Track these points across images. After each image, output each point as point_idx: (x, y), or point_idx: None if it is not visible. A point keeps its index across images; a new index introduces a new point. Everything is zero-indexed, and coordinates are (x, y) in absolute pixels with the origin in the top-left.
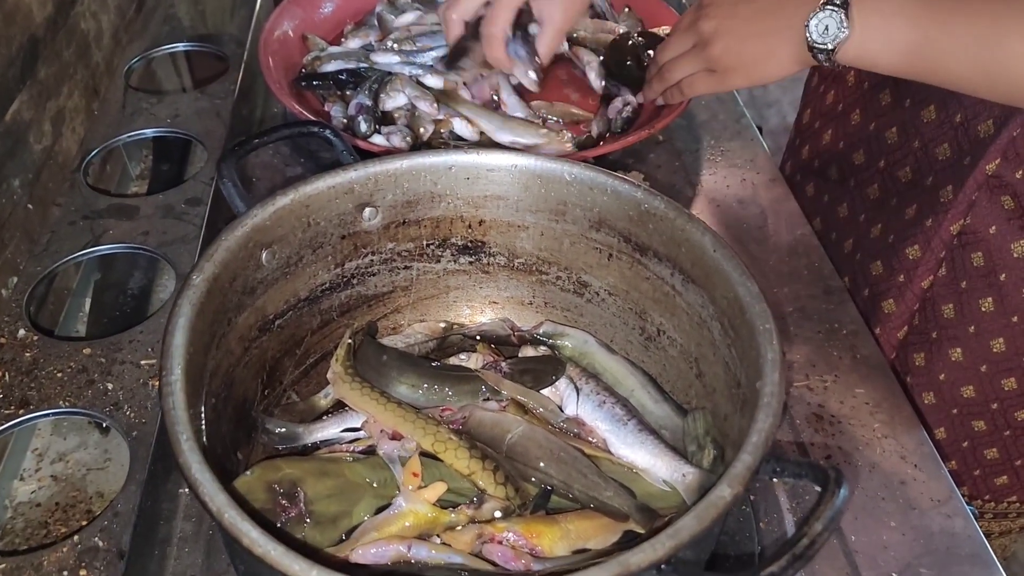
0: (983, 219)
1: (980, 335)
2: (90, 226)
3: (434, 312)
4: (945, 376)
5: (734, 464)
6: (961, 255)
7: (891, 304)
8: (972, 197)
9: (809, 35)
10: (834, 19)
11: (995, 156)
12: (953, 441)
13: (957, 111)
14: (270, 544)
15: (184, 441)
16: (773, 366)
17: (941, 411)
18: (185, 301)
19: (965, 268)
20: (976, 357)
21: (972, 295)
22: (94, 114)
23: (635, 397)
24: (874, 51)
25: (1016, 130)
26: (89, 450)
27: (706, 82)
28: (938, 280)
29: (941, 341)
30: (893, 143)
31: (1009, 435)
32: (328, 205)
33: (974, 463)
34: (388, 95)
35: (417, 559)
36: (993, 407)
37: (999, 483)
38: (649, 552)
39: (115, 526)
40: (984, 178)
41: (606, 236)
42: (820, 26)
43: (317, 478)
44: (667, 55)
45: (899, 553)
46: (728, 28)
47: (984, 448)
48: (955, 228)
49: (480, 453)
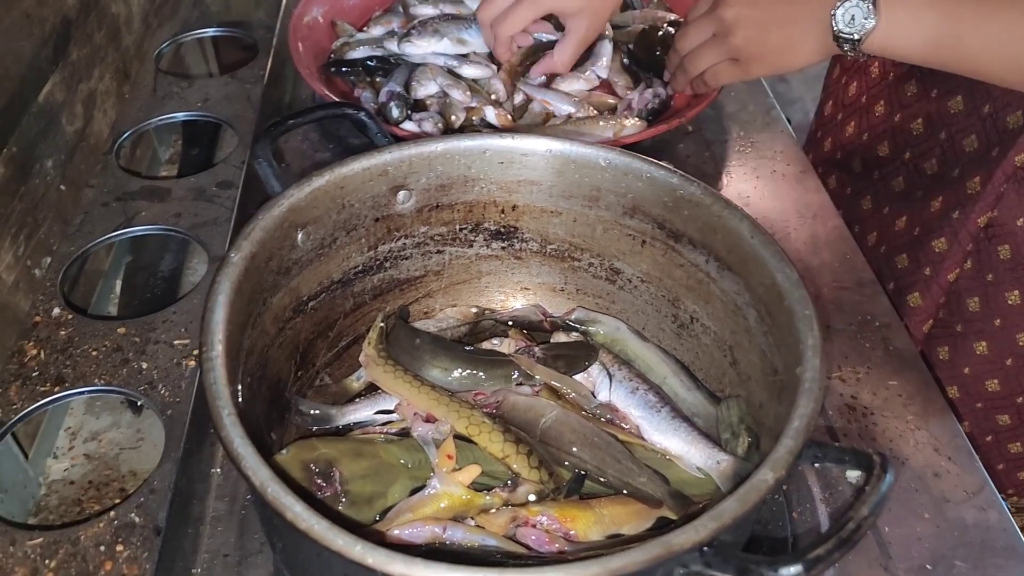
0: (1011, 211)
1: (1006, 328)
2: (123, 207)
3: (466, 297)
4: (970, 370)
5: (776, 448)
6: (988, 248)
7: (917, 297)
8: (1001, 189)
9: (835, 24)
10: (861, 9)
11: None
12: (978, 434)
13: (986, 102)
14: (313, 519)
15: (226, 416)
16: (815, 351)
17: (965, 405)
18: (224, 279)
19: (991, 261)
20: (1002, 350)
21: (999, 288)
22: (125, 97)
23: (667, 384)
24: (901, 41)
25: None
26: (122, 429)
27: (730, 72)
28: (964, 273)
29: (966, 334)
30: (919, 134)
31: None
32: (363, 187)
33: (998, 457)
34: (420, 83)
35: (452, 541)
36: (1018, 401)
37: (1022, 477)
38: (692, 533)
39: (151, 503)
40: (1013, 169)
41: (640, 223)
42: (846, 16)
43: (352, 458)
44: (687, 44)
45: (933, 545)
46: (750, 17)
47: (1008, 442)
48: (983, 220)
49: (514, 437)
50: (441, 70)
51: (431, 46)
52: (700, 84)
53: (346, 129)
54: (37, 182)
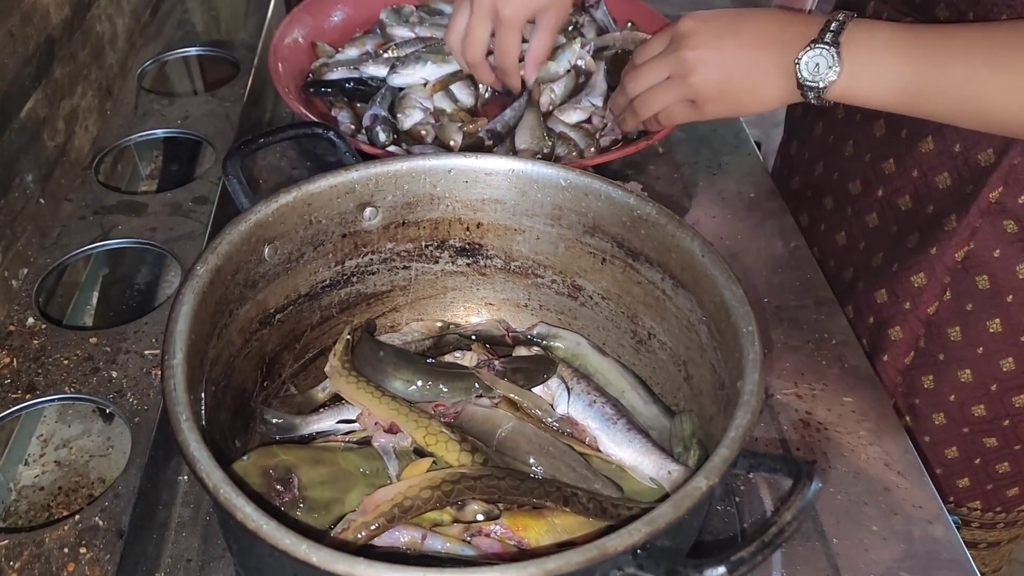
0: (987, 244)
1: (989, 355)
2: (100, 221)
3: (431, 312)
4: (955, 397)
5: (712, 457)
6: (966, 279)
7: (897, 331)
8: (976, 224)
9: (799, 73)
10: (825, 57)
11: (997, 184)
12: (965, 459)
13: (956, 141)
14: (262, 520)
15: (183, 421)
16: (754, 366)
17: (952, 431)
18: (188, 290)
19: (970, 291)
20: (986, 377)
21: (979, 317)
22: (107, 114)
23: (625, 398)
24: (864, 88)
25: (1017, 158)
26: (92, 437)
27: (685, 112)
28: (943, 304)
29: (949, 363)
30: (891, 173)
31: (1020, 449)
32: (330, 204)
33: (986, 478)
34: (405, 114)
35: (431, 549)
36: (1004, 424)
37: (1010, 494)
38: (625, 537)
39: (115, 507)
40: (987, 205)
41: (600, 241)
42: (811, 64)
43: (311, 465)
44: (641, 85)
45: (880, 557)
46: (712, 59)
47: (996, 463)
48: (959, 255)
49: (470, 446)
50: (422, 96)
51: (417, 73)
52: (652, 123)
53: (324, 147)
54: (17, 195)
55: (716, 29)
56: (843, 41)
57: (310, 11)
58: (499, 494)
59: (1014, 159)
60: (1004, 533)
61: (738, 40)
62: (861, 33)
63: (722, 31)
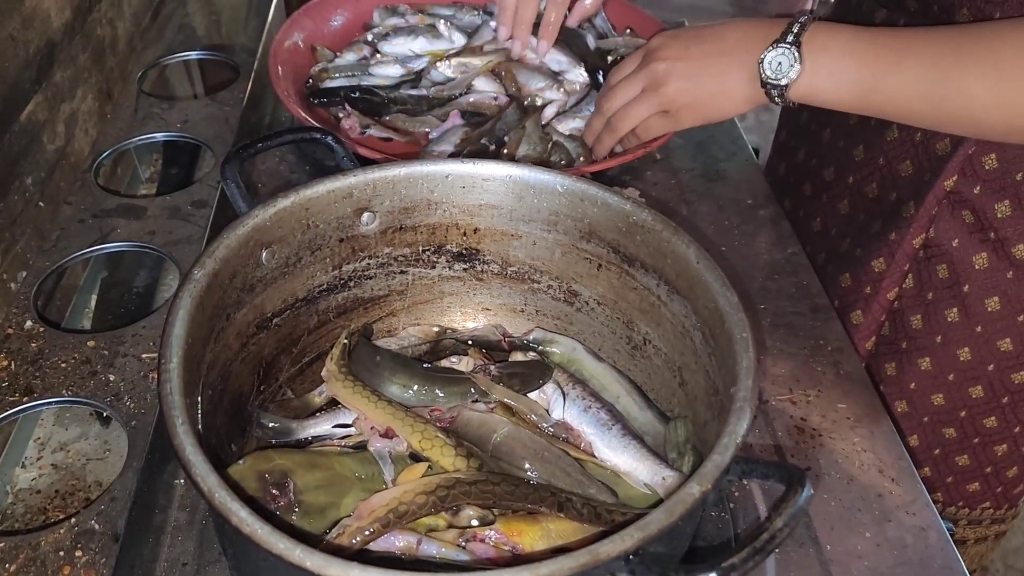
0: (946, 233)
1: (947, 345)
2: (99, 224)
3: (428, 317)
4: (915, 385)
5: (705, 463)
6: (927, 268)
7: (859, 315)
8: (932, 212)
9: (763, 71)
10: (787, 56)
11: (953, 173)
12: (926, 448)
13: (917, 130)
14: (257, 524)
15: (179, 425)
16: (747, 372)
17: (913, 419)
18: (186, 294)
19: (931, 280)
20: (944, 366)
21: (938, 306)
22: (107, 117)
23: (620, 403)
24: (824, 88)
25: (971, 148)
26: (90, 441)
27: (661, 124)
28: (906, 292)
29: (911, 351)
30: (860, 160)
31: (978, 442)
32: (327, 208)
33: (946, 470)
34: None
35: (426, 554)
36: (961, 415)
37: (971, 489)
38: (618, 543)
39: (111, 510)
40: (944, 193)
41: (596, 247)
42: (773, 63)
43: (307, 470)
44: (616, 103)
45: (872, 563)
46: (682, 68)
47: (955, 455)
48: (917, 242)
49: (466, 451)
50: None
51: (407, 45)
52: (630, 140)
53: (322, 152)
54: (16, 198)
55: (683, 40)
56: (804, 41)
57: (310, 15)
58: (494, 499)
59: (968, 149)
60: (969, 532)
61: (704, 48)
62: (822, 35)
63: (689, 42)
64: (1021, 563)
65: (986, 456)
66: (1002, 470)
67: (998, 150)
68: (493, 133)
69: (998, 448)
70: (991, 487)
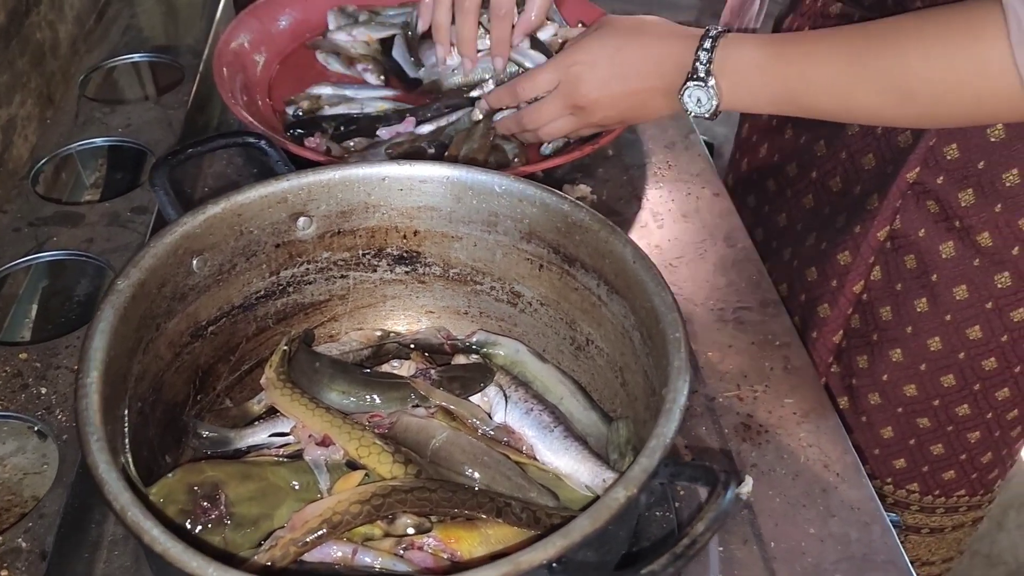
0: (912, 223)
1: (917, 335)
2: (34, 233)
3: (371, 321)
4: (888, 376)
5: (631, 467)
6: (895, 259)
7: (826, 308)
8: (896, 204)
9: (685, 106)
10: (703, 92)
11: (915, 164)
12: (900, 439)
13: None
14: (169, 542)
15: (94, 442)
16: (678, 373)
17: (887, 410)
18: (108, 306)
19: (899, 271)
20: (915, 357)
21: (908, 296)
22: (47, 123)
23: (564, 405)
24: (746, 104)
25: (932, 139)
26: (27, 455)
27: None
28: (874, 284)
29: (881, 343)
30: (823, 155)
31: (952, 430)
32: (261, 214)
33: (922, 460)
34: None
35: (363, 563)
36: (935, 404)
37: (947, 478)
38: (540, 552)
39: (39, 528)
40: (907, 185)
41: (536, 247)
42: (692, 99)
43: (239, 481)
44: (541, 121)
45: (816, 559)
46: (606, 103)
47: (930, 444)
48: (882, 234)
49: (403, 458)
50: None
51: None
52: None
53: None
54: None
55: (601, 75)
56: (715, 71)
57: (257, 15)
58: (431, 506)
59: (930, 140)
60: (946, 519)
61: (625, 85)
62: (730, 59)
63: (607, 77)
64: (986, 548)
65: (960, 443)
66: (976, 456)
67: (959, 140)
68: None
69: (971, 435)
70: (966, 474)
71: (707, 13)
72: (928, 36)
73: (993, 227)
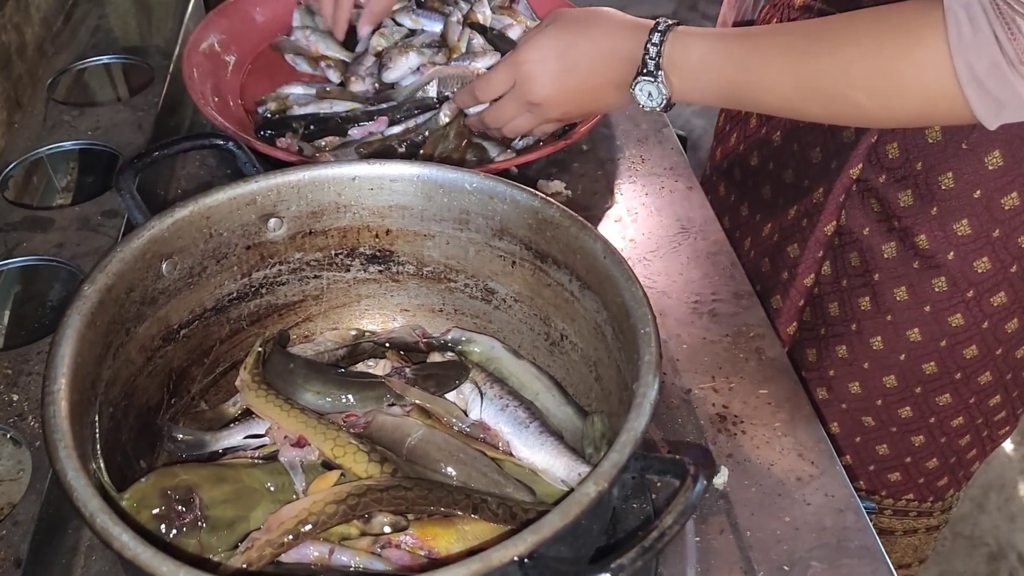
0: (856, 221)
1: (861, 333)
2: (3, 239)
3: (346, 320)
4: (834, 372)
5: (601, 462)
6: (841, 255)
7: (778, 300)
8: (840, 199)
9: (637, 99)
10: (654, 87)
11: (858, 161)
12: (846, 435)
13: None
14: (139, 548)
15: (62, 449)
16: (648, 367)
17: (833, 406)
18: (74, 312)
19: (845, 268)
20: (858, 354)
21: (852, 294)
22: (15, 127)
23: (540, 401)
24: (694, 97)
25: (874, 137)
26: (2, 462)
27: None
28: (824, 279)
29: (828, 338)
30: (779, 146)
31: (895, 431)
32: (230, 216)
33: (868, 458)
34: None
35: (340, 563)
36: (878, 403)
37: (893, 479)
38: (511, 548)
39: (14, 535)
40: (851, 181)
41: (509, 244)
42: (643, 93)
43: (214, 484)
44: (502, 120)
45: (791, 546)
46: (560, 98)
47: (875, 444)
48: (829, 229)
49: (379, 457)
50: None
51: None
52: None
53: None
54: None
55: (553, 72)
56: (664, 66)
57: (226, 15)
58: (407, 505)
59: (872, 137)
60: (896, 522)
61: (578, 80)
62: (678, 54)
63: (559, 73)
64: (967, 530)
65: (904, 446)
66: (921, 461)
67: (900, 139)
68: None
69: (915, 438)
70: (912, 478)
71: (684, 6)
72: (869, 38)
73: (929, 230)
